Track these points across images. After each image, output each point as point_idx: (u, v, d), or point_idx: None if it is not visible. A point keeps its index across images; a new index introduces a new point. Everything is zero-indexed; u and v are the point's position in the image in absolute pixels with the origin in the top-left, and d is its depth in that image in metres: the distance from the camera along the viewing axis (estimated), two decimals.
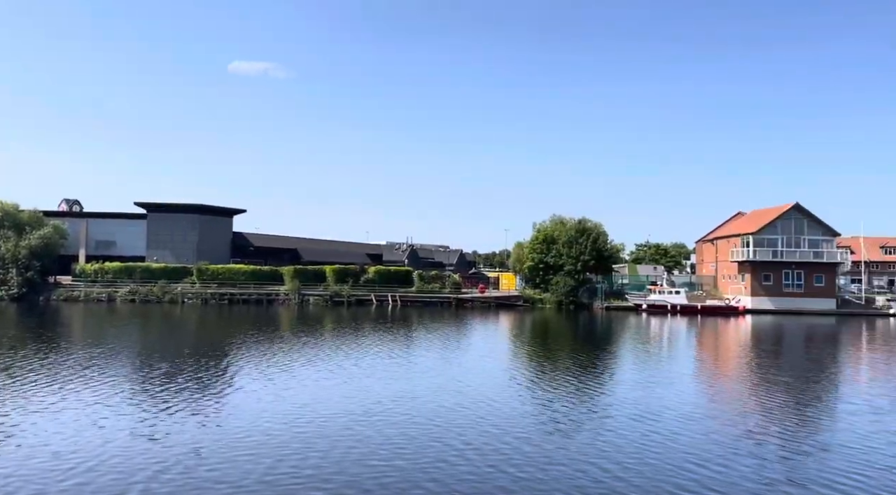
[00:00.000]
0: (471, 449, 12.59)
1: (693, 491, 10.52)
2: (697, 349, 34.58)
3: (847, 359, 30.85)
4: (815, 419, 16.27)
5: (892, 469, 11.87)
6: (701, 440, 13.73)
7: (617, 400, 18.06)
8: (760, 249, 66.23)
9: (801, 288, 66.05)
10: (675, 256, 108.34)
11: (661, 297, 64.65)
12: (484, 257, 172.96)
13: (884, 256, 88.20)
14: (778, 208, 69.27)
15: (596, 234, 70.10)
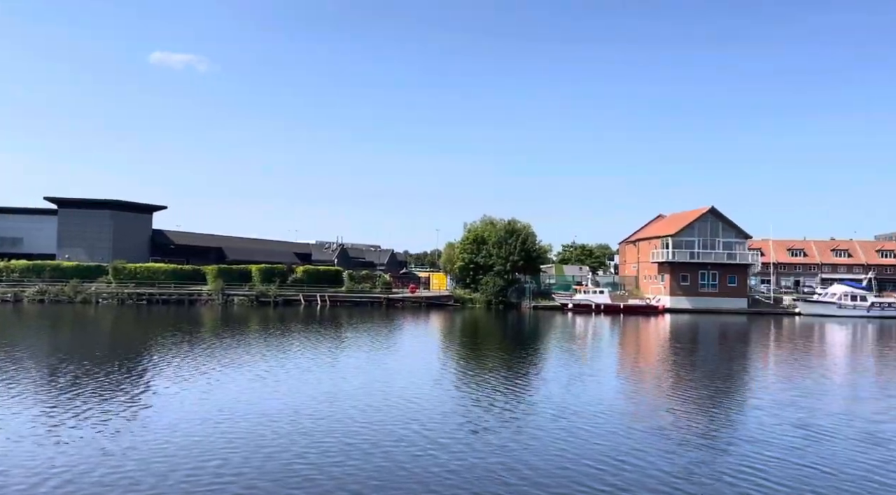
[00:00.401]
0: (392, 450, 12.55)
1: (609, 485, 10.86)
2: (619, 347, 35.80)
3: (756, 355, 32.70)
4: (725, 413, 17.14)
5: (786, 460, 12.62)
6: (619, 435, 14.20)
7: (540, 397, 18.45)
8: (679, 251, 69.31)
9: (715, 288, 69.59)
10: (600, 257, 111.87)
11: (586, 297, 66.58)
12: (415, 257, 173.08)
13: (790, 258, 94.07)
14: (695, 211, 72.69)
15: (525, 235, 71.45)
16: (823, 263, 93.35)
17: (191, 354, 25.30)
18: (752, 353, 33.30)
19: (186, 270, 67.91)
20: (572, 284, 75.62)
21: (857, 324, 56.91)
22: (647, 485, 10.82)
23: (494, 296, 68.67)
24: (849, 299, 66.29)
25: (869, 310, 65.47)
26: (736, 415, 16.81)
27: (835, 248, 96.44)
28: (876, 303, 66.53)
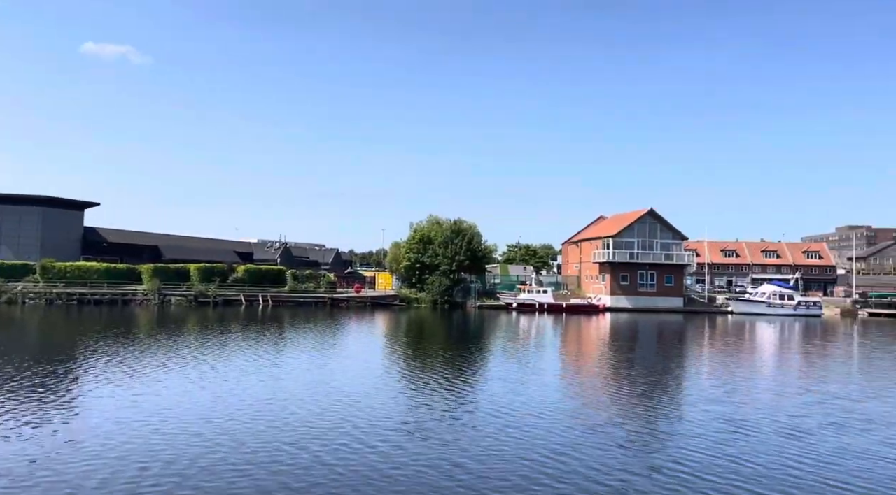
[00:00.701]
0: (327, 453, 12.35)
1: (545, 482, 10.98)
2: (561, 346, 36.40)
3: (690, 353, 33.82)
4: (661, 409, 17.61)
5: (714, 454, 13.07)
6: (557, 432, 14.38)
7: (482, 396, 18.54)
8: (619, 251, 71.09)
9: (653, 287, 71.69)
10: (544, 257, 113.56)
11: (530, 296, 67.49)
12: (361, 256, 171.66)
13: (724, 258, 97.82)
14: (635, 213, 74.69)
15: (471, 235, 71.86)
16: (754, 264, 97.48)
17: (122, 356, 24.28)
18: (687, 351, 34.42)
19: (120, 269, 65.31)
20: (517, 284, 76.52)
21: (785, 322, 59.65)
22: (582, 481, 10.98)
23: (440, 295, 68.79)
24: (777, 298, 69.41)
25: (795, 308, 68.73)
26: (671, 411, 17.29)
27: (765, 250, 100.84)
28: (802, 302, 69.91)
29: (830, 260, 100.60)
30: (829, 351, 35.64)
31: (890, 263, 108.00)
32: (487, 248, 76.74)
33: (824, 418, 16.45)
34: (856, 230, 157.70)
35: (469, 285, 72.14)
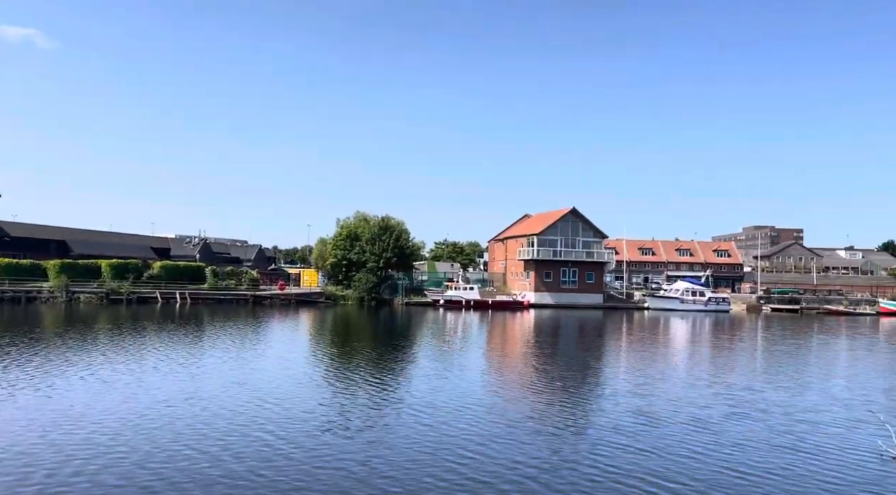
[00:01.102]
0: (245, 454, 12.07)
1: (463, 477, 11.14)
2: (486, 342, 36.94)
3: (609, 347, 35.10)
4: (579, 403, 18.20)
5: (627, 445, 13.67)
6: (478, 428, 14.61)
7: (406, 393, 18.58)
8: (543, 249, 72.80)
9: (575, 284, 73.87)
10: (470, 254, 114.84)
11: (457, 293, 68.11)
12: (285, 253, 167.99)
13: (641, 256, 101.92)
14: (558, 212, 76.66)
15: (399, 232, 71.69)
16: (669, 261, 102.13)
17: (23, 357, 22.76)
18: (606, 346, 35.70)
19: (24, 265, 61.25)
20: (444, 281, 77.03)
21: (696, 317, 62.89)
22: (499, 475, 11.21)
23: (367, 292, 68.30)
24: (690, 294, 73.03)
25: (706, 304, 72.55)
26: (587, 405, 17.91)
27: (679, 248, 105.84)
28: (712, 298, 73.88)
29: (738, 258, 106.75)
30: (736, 344, 37.88)
31: (791, 261, 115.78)
32: (415, 245, 76.80)
33: (728, 408, 17.46)
34: (761, 230, 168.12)
35: (396, 282, 72.01)
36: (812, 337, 43.79)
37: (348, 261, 70.28)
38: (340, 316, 53.02)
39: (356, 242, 70.54)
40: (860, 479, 11.52)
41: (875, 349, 37.08)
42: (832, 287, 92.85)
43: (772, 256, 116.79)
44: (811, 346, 37.45)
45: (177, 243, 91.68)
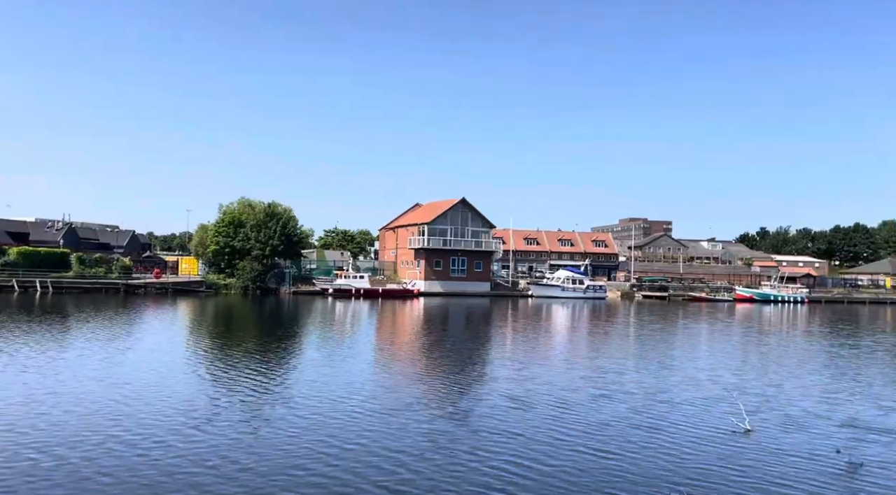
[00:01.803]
0: (98, 453, 11.31)
1: (335, 470, 11.06)
2: (375, 331, 36.85)
3: (494, 334, 36.14)
4: (460, 389, 18.61)
5: (501, 429, 14.18)
6: (358, 418, 14.55)
7: (289, 385, 18.15)
8: (433, 238, 73.59)
9: (464, 273, 75.36)
10: (361, 243, 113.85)
11: (347, 282, 67.37)
12: (161, 239, 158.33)
13: (526, 246, 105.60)
14: (448, 201, 77.72)
15: (286, 219, 69.74)
16: (552, 251, 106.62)
17: None
18: (492, 333, 36.74)
19: None
20: (333, 269, 75.93)
21: (576, 304, 66.24)
22: (373, 464, 11.20)
23: (252, 281, 66.04)
24: (570, 283, 76.75)
25: (585, 292, 76.56)
26: (469, 391, 18.32)
27: (561, 238, 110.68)
28: (590, 286, 78.07)
29: (614, 248, 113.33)
30: (609, 330, 40.29)
31: (661, 252, 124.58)
32: (304, 233, 75.09)
33: (595, 391, 18.46)
34: (635, 222, 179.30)
35: (283, 271, 70.07)
36: (677, 322, 47.44)
37: (231, 249, 67.51)
38: (222, 305, 50.85)
39: (240, 229, 67.86)
40: (714, 453, 12.63)
41: (730, 332, 40.81)
42: (696, 275, 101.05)
43: (644, 247, 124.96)
44: (676, 331, 40.57)
45: (37, 227, 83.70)
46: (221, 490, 9.87)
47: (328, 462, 11.30)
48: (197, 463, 11.04)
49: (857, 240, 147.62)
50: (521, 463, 11.56)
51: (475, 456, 11.90)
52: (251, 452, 11.73)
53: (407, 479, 10.56)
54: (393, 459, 11.54)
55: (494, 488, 10.24)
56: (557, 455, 12.14)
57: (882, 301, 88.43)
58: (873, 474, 11.45)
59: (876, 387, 20.51)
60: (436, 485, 10.25)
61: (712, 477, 11.16)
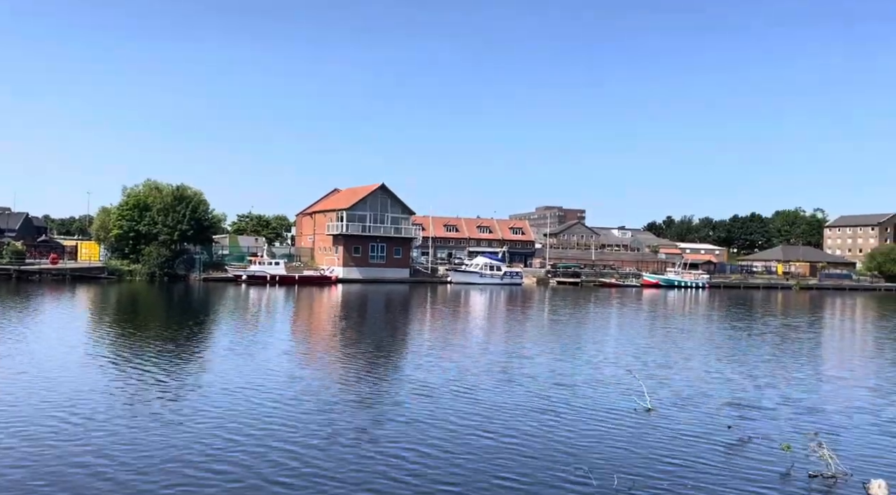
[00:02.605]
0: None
1: (231, 467, 10.82)
2: (291, 318, 36.09)
3: (412, 321, 36.23)
4: (371, 376, 18.55)
5: (398, 415, 14.28)
6: (264, 408, 14.25)
7: (191, 374, 17.51)
8: (352, 224, 72.67)
9: (383, 259, 74.96)
10: (277, 228, 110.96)
11: (261, 268, 65.52)
12: (59, 223, 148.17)
13: (446, 233, 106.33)
14: (368, 187, 76.92)
15: (196, 203, 66.93)
16: (471, 238, 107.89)
17: None
18: (409, 320, 36.81)
19: None
20: (247, 255, 73.62)
21: (493, 290, 67.43)
22: (267, 457, 10.98)
23: (159, 267, 63.07)
24: (488, 269, 77.96)
25: (502, 278, 78.01)
26: (378, 379, 18.24)
27: (480, 225, 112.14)
28: (507, 273, 79.61)
29: (531, 235, 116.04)
30: (525, 315, 41.28)
31: (574, 239, 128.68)
32: (215, 217, 72.40)
33: (505, 376, 18.73)
34: (550, 210, 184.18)
35: (193, 256, 67.27)
36: (588, 307, 49.22)
37: (136, 234, 64.14)
38: (126, 293, 48.28)
39: (146, 213, 64.54)
40: (616, 432, 13.20)
41: (636, 317, 42.78)
42: (607, 262, 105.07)
43: (559, 234, 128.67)
44: (586, 316, 42.08)
45: None
46: (95, 489, 9.38)
47: (221, 456, 10.92)
48: (72, 463, 10.44)
49: (753, 229, 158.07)
50: (422, 450, 11.60)
51: (375, 443, 11.83)
52: (138, 448, 11.19)
53: (304, 473, 10.41)
54: (289, 451, 11.26)
55: (390, 477, 10.20)
56: (460, 440, 12.28)
57: (774, 285, 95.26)
58: (758, 447, 12.33)
59: (762, 367, 22.09)
60: (332, 477, 10.06)
61: (614, 454, 11.68)
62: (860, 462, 11.45)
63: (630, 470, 10.78)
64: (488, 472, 10.58)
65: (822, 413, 15.25)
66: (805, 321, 41.70)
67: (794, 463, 11.21)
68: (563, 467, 10.88)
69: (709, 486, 10.25)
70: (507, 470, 10.66)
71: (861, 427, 14.11)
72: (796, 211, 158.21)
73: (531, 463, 11.05)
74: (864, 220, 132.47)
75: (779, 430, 13.44)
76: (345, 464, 10.69)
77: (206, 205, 68.64)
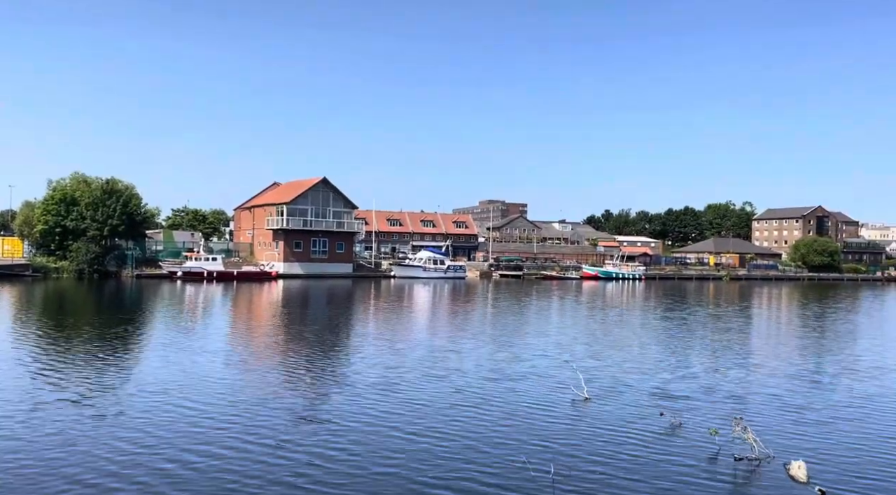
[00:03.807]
0: None
1: (145, 473, 10.52)
2: (230, 315, 35.19)
3: (356, 315, 35.92)
4: (322, 374, 18.32)
5: (358, 409, 14.21)
6: (208, 411, 13.88)
7: (129, 373, 16.85)
8: (293, 218, 71.40)
9: (325, 254, 74.02)
10: (215, 223, 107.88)
11: (198, 264, 63.62)
12: None
13: (389, 227, 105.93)
14: (309, 181, 75.70)
15: (127, 197, 64.45)
16: (415, 232, 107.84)
17: None
18: (351, 315, 36.48)
19: None
20: (183, 251, 71.29)
21: (437, 283, 67.58)
22: (191, 464, 10.79)
23: (88, 264, 60.42)
24: (431, 263, 78.08)
25: (446, 272, 78.29)
26: (315, 378, 18.02)
27: (423, 219, 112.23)
28: (451, 266, 79.95)
29: (474, 229, 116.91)
30: (467, 309, 41.56)
31: (517, 232, 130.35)
32: (148, 212, 69.84)
33: (445, 370, 18.69)
34: (493, 204, 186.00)
35: (125, 252, 64.72)
36: (530, 299, 49.99)
37: (63, 229, 61.23)
38: (53, 290, 46.02)
39: (73, 207, 61.64)
40: (555, 422, 13.46)
41: (576, 309, 43.74)
42: (548, 255, 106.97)
43: (502, 228, 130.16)
44: (528, 308, 42.72)
45: None
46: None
47: (136, 461, 10.57)
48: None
49: (687, 222, 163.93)
50: (355, 447, 11.50)
51: (302, 443, 11.58)
52: (57, 452, 10.71)
53: (209, 472, 10.19)
54: (210, 454, 10.95)
55: (317, 481, 10.09)
56: (396, 435, 12.26)
57: (706, 276, 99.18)
58: (689, 432, 12.82)
59: (693, 356, 22.96)
60: (248, 483, 9.75)
61: (551, 444, 11.91)
62: (781, 444, 12.04)
63: (567, 458, 11.02)
64: (425, 465, 10.60)
65: (747, 398, 15.98)
66: (733, 311, 43.59)
67: (721, 447, 11.70)
68: (501, 458, 11.02)
69: (642, 470, 10.59)
70: (444, 464, 10.72)
71: (782, 411, 14.85)
72: (727, 204, 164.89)
73: (469, 456, 11.14)
74: (788, 213, 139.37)
75: (707, 416, 14.00)
76: (264, 465, 10.46)
77: (139, 199, 66.20)
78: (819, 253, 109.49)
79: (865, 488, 10.10)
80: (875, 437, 12.78)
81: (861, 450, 11.91)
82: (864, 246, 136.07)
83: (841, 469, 10.90)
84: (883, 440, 12.61)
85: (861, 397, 16.30)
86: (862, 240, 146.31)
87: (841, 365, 21.28)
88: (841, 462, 11.26)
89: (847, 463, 11.18)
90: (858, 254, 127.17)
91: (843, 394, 16.60)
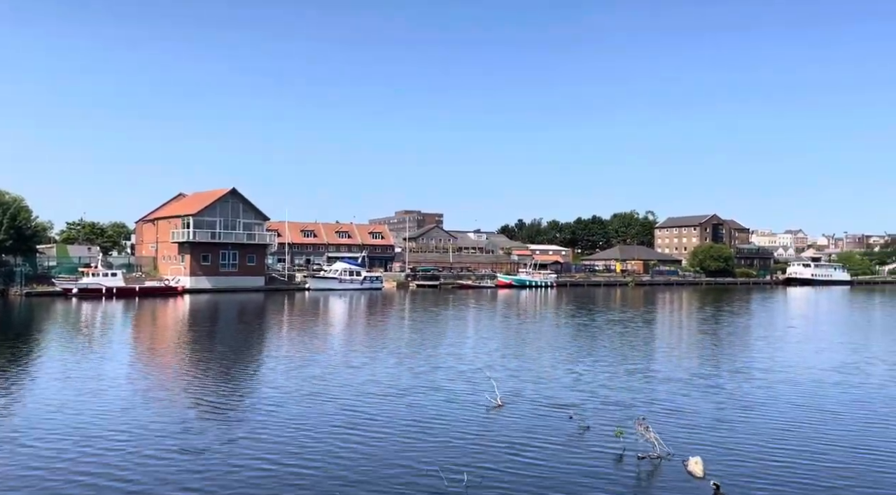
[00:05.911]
0: None
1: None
2: (131, 334, 33.28)
3: (269, 330, 34.88)
4: (232, 389, 17.65)
5: (283, 422, 13.83)
6: (114, 434, 13.11)
7: (18, 398, 15.59)
8: (200, 231, 68.57)
9: (235, 267, 71.50)
10: (114, 236, 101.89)
11: (96, 280, 59.82)
12: None
13: (303, 238, 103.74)
14: (216, 192, 73.01)
15: (16, 209, 59.86)
16: (330, 243, 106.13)
17: None
18: (266, 328, 35.42)
19: None
20: (79, 266, 66.81)
21: (353, 295, 66.79)
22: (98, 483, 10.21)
23: None
24: (347, 275, 77.11)
25: (362, 283, 77.52)
26: (244, 389, 17.46)
27: (338, 230, 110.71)
28: (367, 278, 79.25)
29: (391, 240, 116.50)
30: (383, 320, 41.31)
31: (433, 243, 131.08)
32: (39, 225, 65.08)
33: (361, 381, 18.70)
34: (409, 214, 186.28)
35: (13, 269, 59.94)
36: (446, 308, 50.32)
37: None
38: None
39: None
40: (468, 428, 13.64)
41: (490, 317, 44.45)
42: (464, 264, 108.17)
43: (418, 238, 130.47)
44: (443, 317, 42.97)
45: None
46: None
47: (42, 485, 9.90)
48: None
49: (595, 231, 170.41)
50: (267, 464, 11.28)
51: (212, 459, 11.34)
52: None
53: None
54: (116, 476, 10.47)
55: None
56: (310, 448, 12.14)
57: (613, 283, 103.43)
58: (596, 434, 13.32)
59: (600, 360, 23.89)
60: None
61: (464, 451, 12.05)
62: (680, 442, 12.71)
63: (480, 465, 11.16)
64: (339, 477, 10.49)
65: (650, 401, 16.77)
66: (637, 316, 45.68)
67: (625, 446, 12.21)
68: (415, 468, 11.03)
69: (553, 472, 10.90)
70: (358, 474, 10.63)
71: (681, 411, 15.69)
72: (631, 213, 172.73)
73: (383, 466, 11.09)
74: (687, 221, 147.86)
75: (613, 418, 14.57)
76: (175, 483, 10.04)
77: (28, 212, 61.66)
78: (715, 258, 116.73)
79: (755, 480, 10.82)
80: (763, 433, 13.72)
81: (751, 446, 12.76)
82: (755, 251, 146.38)
83: (733, 463, 11.63)
84: (770, 436, 13.56)
85: (750, 397, 17.47)
86: (753, 246, 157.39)
87: (733, 367, 22.72)
88: (733, 457, 12.02)
89: (738, 458, 11.95)
90: (750, 260, 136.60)
91: (734, 395, 17.72)
